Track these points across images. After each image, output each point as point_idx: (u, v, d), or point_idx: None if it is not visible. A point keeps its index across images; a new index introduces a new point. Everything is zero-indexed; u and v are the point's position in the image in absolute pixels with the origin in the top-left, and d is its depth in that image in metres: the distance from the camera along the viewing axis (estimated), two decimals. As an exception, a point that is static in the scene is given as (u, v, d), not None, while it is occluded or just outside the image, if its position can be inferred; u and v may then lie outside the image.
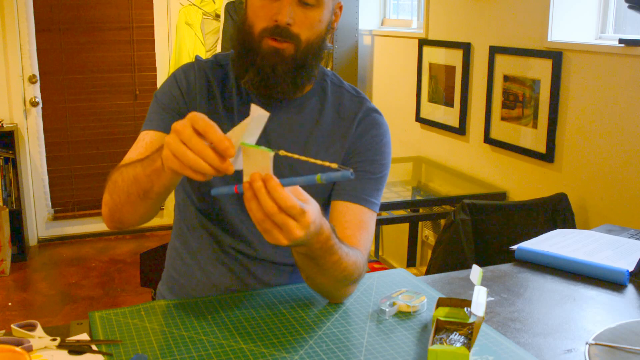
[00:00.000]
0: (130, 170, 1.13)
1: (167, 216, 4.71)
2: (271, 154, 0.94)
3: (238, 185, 0.98)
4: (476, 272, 1.19)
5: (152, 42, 4.48)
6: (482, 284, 1.24)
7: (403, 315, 1.21)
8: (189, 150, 0.93)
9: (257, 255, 1.36)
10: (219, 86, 1.35)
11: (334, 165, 0.93)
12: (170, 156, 0.95)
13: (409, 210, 3.26)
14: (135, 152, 1.27)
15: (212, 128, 0.93)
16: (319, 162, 0.95)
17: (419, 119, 3.55)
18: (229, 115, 1.33)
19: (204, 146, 0.93)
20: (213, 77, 1.35)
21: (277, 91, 1.27)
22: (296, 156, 0.97)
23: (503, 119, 2.86)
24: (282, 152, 0.96)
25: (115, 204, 1.18)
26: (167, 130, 1.27)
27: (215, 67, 1.37)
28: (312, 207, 0.98)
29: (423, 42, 3.45)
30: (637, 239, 1.63)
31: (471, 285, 1.21)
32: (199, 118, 0.94)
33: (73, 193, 4.42)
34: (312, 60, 1.27)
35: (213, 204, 1.34)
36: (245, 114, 1.32)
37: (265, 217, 0.95)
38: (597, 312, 1.26)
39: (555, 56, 2.52)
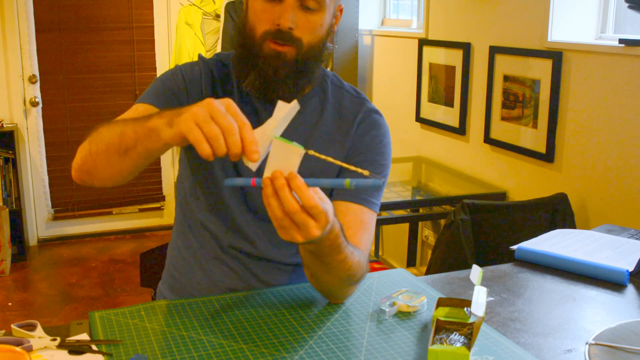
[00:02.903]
0: (120, 124, 1.10)
1: (167, 216, 4.71)
2: (302, 151, 0.94)
3: (256, 179, 0.97)
4: (476, 272, 1.19)
5: (152, 42, 4.48)
6: (482, 284, 1.24)
7: (403, 315, 1.21)
8: (215, 125, 0.92)
9: (259, 254, 1.36)
10: (221, 84, 1.35)
11: (366, 173, 0.93)
12: (189, 121, 0.93)
13: (409, 210, 3.26)
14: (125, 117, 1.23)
15: (247, 124, 0.93)
16: (351, 167, 0.95)
17: (419, 119, 3.55)
18: (229, 114, 1.33)
19: (234, 128, 0.92)
20: (217, 75, 1.35)
21: (278, 94, 1.27)
22: (323, 157, 0.96)
23: (503, 119, 2.86)
24: (310, 152, 0.95)
25: (91, 152, 1.14)
26: (162, 108, 1.26)
27: (218, 65, 1.37)
28: (329, 206, 0.98)
29: (423, 42, 3.45)
30: (637, 239, 1.63)
31: (471, 285, 1.21)
32: (235, 108, 0.94)
33: (73, 193, 4.42)
34: (313, 64, 1.28)
35: (217, 201, 1.34)
36: (245, 114, 1.33)
37: (284, 215, 0.94)
38: (597, 312, 1.26)
39: (555, 56, 2.52)
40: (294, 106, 0.96)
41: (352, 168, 0.95)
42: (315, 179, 0.95)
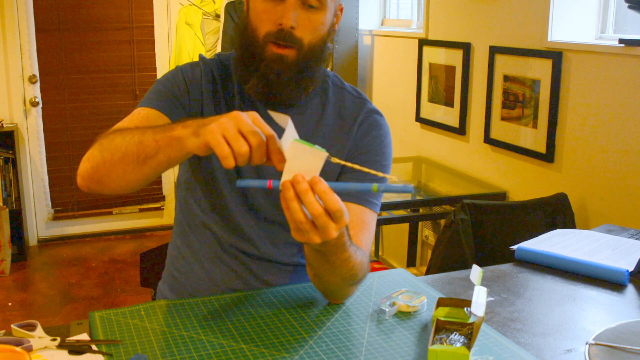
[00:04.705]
0: (137, 133, 1.08)
1: (167, 216, 4.71)
2: (326, 155, 0.93)
3: (273, 181, 0.96)
4: (476, 272, 1.19)
5: (152, 42, 4.48)
6: (482, 284, 1.24)
7: (403, 315, 1.21)
8: (244, 140, 0.94)
9: (259, 254, 1.36)
10: (222, 85, 1.35)
11: (394, 178, 0.93)
12: (217, 134, 0.94)
13: (409, 210, 3.26)
14: (129, 123, 1.22)
15: (273, 135, 0.95)
16: (379, 174, 0.96)
17: (419, 119, 3.55)
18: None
19: (262, 143, 0.94)
20: (218, 76, 1.35)
21: (281, 97, 1.27)
22: (349, 164, 0.97)
23: (503, 119, 2.86)
24: (334, 159, 0.95)
25: (104, 161, 1.11)
26: (165, 111, 1.26)
27: (219, 65, 1.37)
28: (344, 207, 0.98)
29: (423, 42, 3.45)
30: (637, 239, 1.63)
31: (471, 285, 1.21)
32: (261, 120, 0.96)
33: (73, 193, 4.42)
34: (315, 64, 1.28)
35: (218, 201, 1.34)
36: None
37: (306, 219, 0.94)
38: (597, 312, 1.26)
39: (555, 56, 2.52)
40: (286, 117, 0.96)
41: (380, 174, 0.96)
42: (339, 182, 0.95)
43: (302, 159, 0.93)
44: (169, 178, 4.68)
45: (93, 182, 1.16)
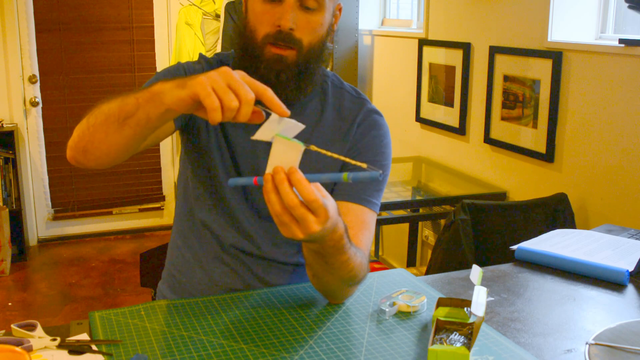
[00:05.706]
0: (122, 96, 1.10)
1: (167, 216, 4.71)
2: (302, 147, 0.94)
3: (258, 177, 0.98)
4: (476, 272, 1.19)
5: (152, 42, 4.48)
6: (482, 284, 1.24)
7: (403, 315, 1.21)
8: (234, 95, 0.93)
9: (260, 253, 1.36)
10: None
11: (364, 165, 0.93)
12: (206, 85, 0.93)
13: (409, 210, 3.26)
14: None
15: (266, 91, 0.96)
16: (352, 161, 0.96)
17: (419, 119, 3.55)
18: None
19: (252, 99, 0.94)
20: None
21: (281, 98, 1.27)
22: (329, 153, 0.97)
23: (503, 119, 2.86)
24: (312, 147, 0.96)
25: (89, 126, 1.13)
26: None
27: (219, 64, 1.37)
28: (330, 203, 0.98)
29: (423, 42, 3.45)
30: (637, 239, 1.63)
31: (471, 285, 1.21)
32: (250, 78, 0.96)
33: (73, 193, 4.42)
34: (315, 64, 1.28)
35: (218, 199, 1.34)
36: None
37: (284, 210, 0.95)
38: (597, 312, 1.26)
39: (555, 56, 2.52)
40: (300, 126, 0.97)
41: (353, 162, 0.96)
42: (313, 174, 0.96)
43: (282, 154, 0.96)
44: (169, 178, 4.68)
45: (78, 152, 1.17)
